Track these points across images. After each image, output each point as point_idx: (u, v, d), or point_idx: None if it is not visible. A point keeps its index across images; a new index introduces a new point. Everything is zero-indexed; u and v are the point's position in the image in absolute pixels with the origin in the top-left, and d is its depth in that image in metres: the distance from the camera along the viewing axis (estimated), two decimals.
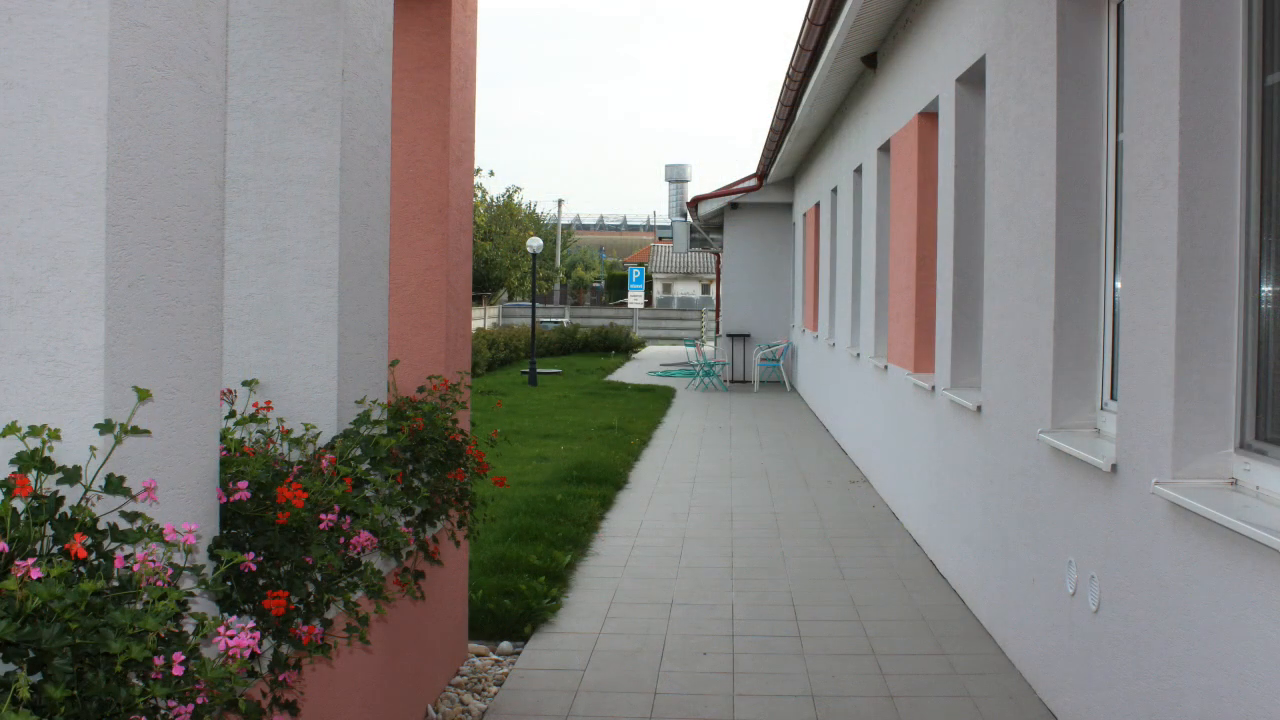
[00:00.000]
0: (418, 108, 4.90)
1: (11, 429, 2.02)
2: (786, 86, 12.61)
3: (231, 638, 2.12)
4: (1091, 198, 4.76)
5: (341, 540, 2.89)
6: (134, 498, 2.21)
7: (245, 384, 3.36)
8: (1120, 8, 4.58)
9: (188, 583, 2.40)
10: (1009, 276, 5.57)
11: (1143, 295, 3.79)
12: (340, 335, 3.47)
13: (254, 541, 2.68)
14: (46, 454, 2.05)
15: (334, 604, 3.02)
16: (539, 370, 23.89)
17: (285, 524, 2.70)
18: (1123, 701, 3.92)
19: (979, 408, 6.12)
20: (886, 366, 9.62)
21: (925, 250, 8.07)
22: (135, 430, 2.20)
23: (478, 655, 5.51)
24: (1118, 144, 4.62)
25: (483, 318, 38.24)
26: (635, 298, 44.65)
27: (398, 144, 4.79)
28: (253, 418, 3.08)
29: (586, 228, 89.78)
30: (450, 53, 4.94)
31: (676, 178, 61.61)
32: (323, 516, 2.77)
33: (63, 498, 2.05)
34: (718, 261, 25.04)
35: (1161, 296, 3.62)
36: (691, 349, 24.82)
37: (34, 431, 2.04)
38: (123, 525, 2.18)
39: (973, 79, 6.84)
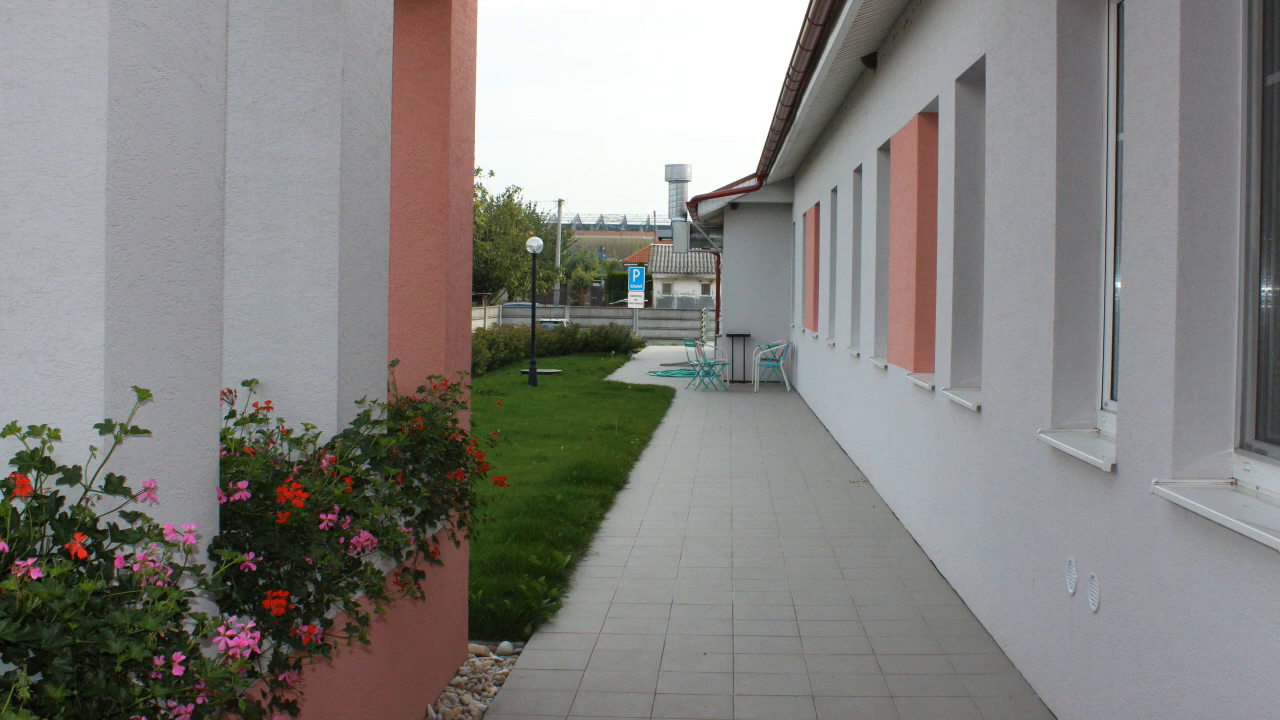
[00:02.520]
0: (418, 108, 4.90)
1: (11, 429, 2.02)
2: (786, 86, 12.62)
3: (231, 638, 2.12)
4: (1091, 198, 4.76)
5: (341, 540, 2.89)
6: (134, 498, 2.21)
7: (245, 384, 3.36)
8: (1120, 8, 4.58)
9: (188, 583, 2.40)
10: (1009, 276, 5.57)
11: (1143, 295, 3.79)
12: (340, 335, 3.47)
13: (254, 541, 2.68)
14: (46, 454, 2.05)
15: (334, 604, 3.02)
16: (539, 370, 23.89)
17: (285, 524, 2.70)
18: (1123, 701, 3.92)
19: (979, 408, 6.12)
20: (886, 366, 9.62)
21: (925, 250, 8.07)
22: (135, 430, 2.20)
23: (478, 655, 5.51)
24: (1118, 144, 4.62)
25: (483, 318, 38.24)
26: (635, 298, 44.67)
27: (398, 144, 4.79)
28: (253, 418, 3.08)
29: (586, 228, 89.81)
30: (450, 53, 4.94)
31: (676, 178, 61.71)
32: (323, 516, 2.77)
33: (63, 498, 2.05)
34: (718, 261, 25.04)
35: (1161, 296, 3.62)
36: (691, 349, 24.83)
37: (34, 431, 2.04)
38: (123, 525, 2.18)
39: (973, 79, 6.84)
